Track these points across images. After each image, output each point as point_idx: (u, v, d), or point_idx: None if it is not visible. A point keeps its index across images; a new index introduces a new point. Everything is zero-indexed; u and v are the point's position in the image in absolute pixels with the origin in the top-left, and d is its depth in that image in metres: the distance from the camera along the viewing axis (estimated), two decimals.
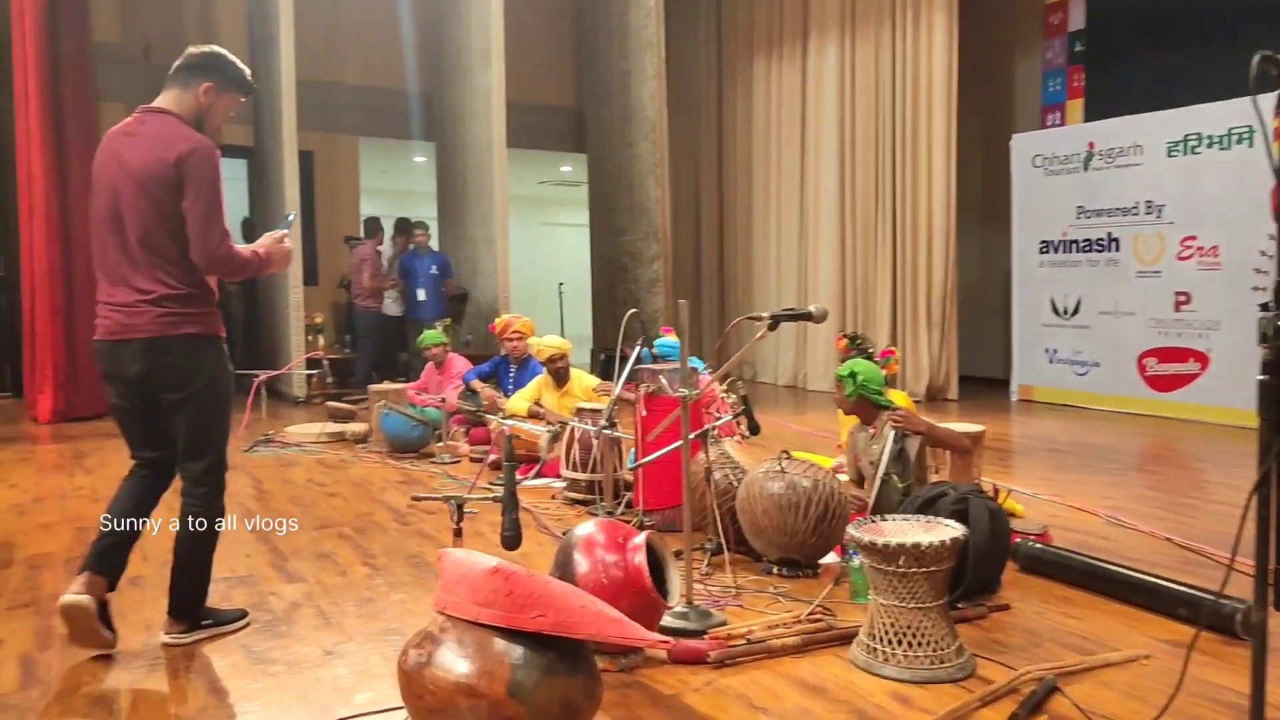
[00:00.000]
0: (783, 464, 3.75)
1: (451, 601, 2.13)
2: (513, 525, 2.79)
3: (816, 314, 3.01)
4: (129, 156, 2.96)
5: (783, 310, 3.06)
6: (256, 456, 6.90)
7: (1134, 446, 6.99)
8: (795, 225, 11.43)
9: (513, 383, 6.97)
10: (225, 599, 3.67)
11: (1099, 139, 8.60)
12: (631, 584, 2.77)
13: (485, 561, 2.14)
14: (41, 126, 8.43)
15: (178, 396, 3.01)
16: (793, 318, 3.05)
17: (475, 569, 2.11)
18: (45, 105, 8.48)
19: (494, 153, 10.42)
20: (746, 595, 3.57)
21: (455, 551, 2.25)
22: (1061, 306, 8.99)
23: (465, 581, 2.11)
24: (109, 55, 10.16)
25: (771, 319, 3.04)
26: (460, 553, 2.24)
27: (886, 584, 2.74)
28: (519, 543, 2.86)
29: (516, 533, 2.80)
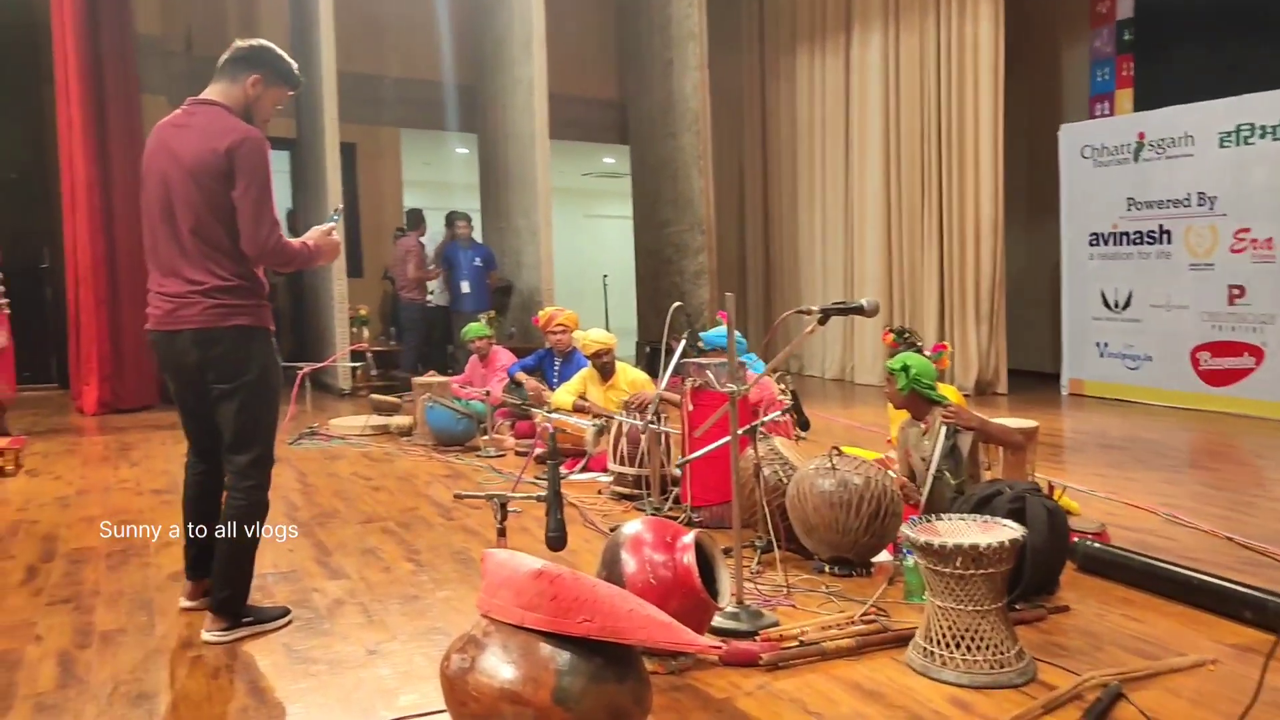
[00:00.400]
0: (833, 461, 3.67)
1: (495, 604, 2.09)
2: (557, 526, 2.74)
3: (868, 308, 2.93)
4: (180, 148, 2.98)
5: (833, 304, 2.99)
6: (301, 449, 6.89)
7: (1189, 442, 6.81)
8: (840, 217, 11.29)
9: (557, 376, 6.94)
10: (268, 595, 3.66)
11: (1149, 129, 8.39)
12: (681, 584, 2.72)
13: (529, 563, 2.09)
14: (83, 119, 8.41)
15: (227, 387, 3.03)
16: (843, 311, 2.97)
17: (519, 571, 2.07)
18: (87, 97, 8.46)
19: (536, 143, 10.36)
20: (798, 595, 3.50)
21: (499, 552, 2.21)
22: (1112, 299, 8.79)
23: (509, 584, 2.07)
24: (150, 47, 10.17)
25: (822, 313, 2.96)
26: (504, 554, 2.20)
27: (943, 586, 2.66)
28: (564, 543, 2.81)
29: (561, 533, 2.75)
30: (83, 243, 8.53)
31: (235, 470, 3.10)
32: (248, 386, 3.03)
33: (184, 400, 3.18)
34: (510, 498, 2.94)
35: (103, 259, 8.62)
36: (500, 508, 2.91)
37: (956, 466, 3.71)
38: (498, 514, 2.91)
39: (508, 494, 3.00)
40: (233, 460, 3.10)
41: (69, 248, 8.65)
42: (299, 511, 5.06)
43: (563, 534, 2.80)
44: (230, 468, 3.12)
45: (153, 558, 4.17)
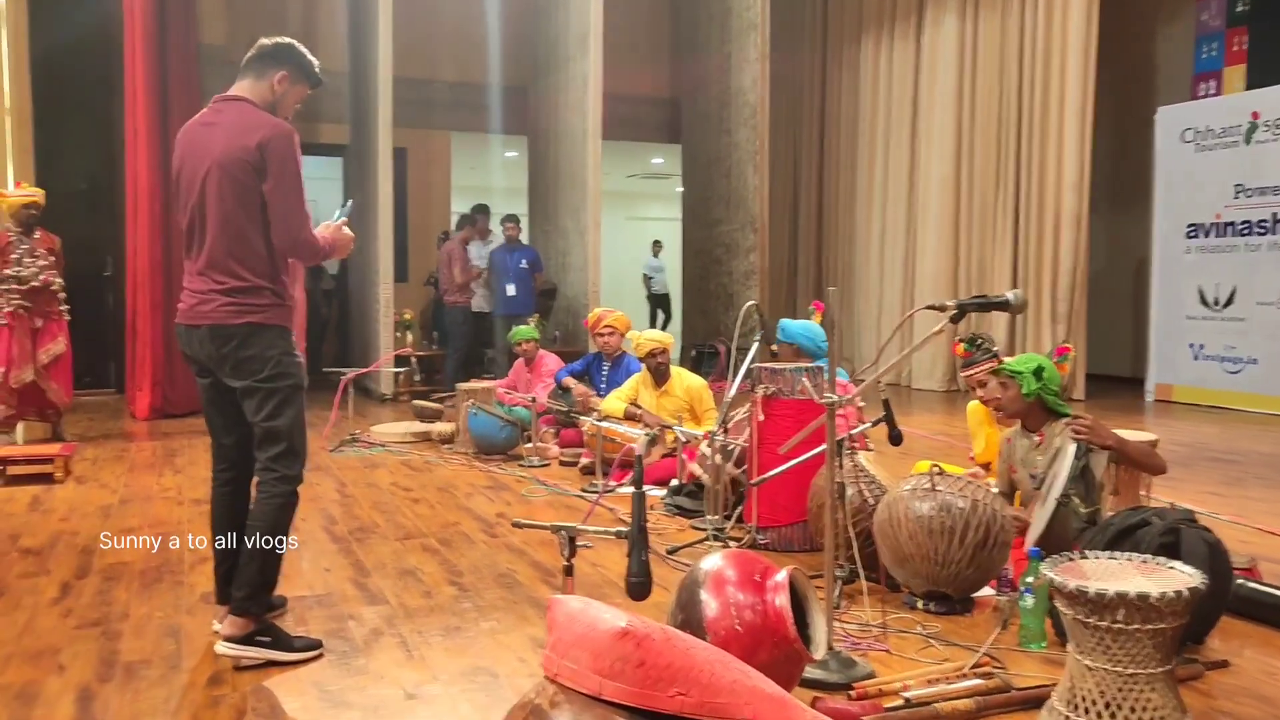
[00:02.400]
0: (934, 480, 3.19)
1: (566, 668, 1.66)
2: (641, 569, 2.28)
3: (1015, 302, 2.46)
4: (211, 145, 2.96)
5: (972, 298, 2.52)
6: (342, 457, 6.62)
7: None
8: (902, 214, 10.77)
9: (605, 381, 6.52)
10: (301, 622, 3.29)
11: (1265, 108, 7.72)
12: (772, 632, 2.27)
13: (611, 619, 1.65)
14: (148, 127, 8.48)
15: (245, 384, 2.98)
16: (985, 306, 2.50)
17: (598, 628, 1.63)
18: (152, 108, 8.54)
19: (589, 142, 10.06)
20: (890, 636, 3.03)
21: (571, 600, 1.77)
22: (1212, 297, 8.15)
23: (585, 644, 1.63)
24: (214, 56, 10.22)
25: (958, 308, 2.49)
26: (577, 603, 1.76)
27: (1095, 642, 2.17)
28: (648, 591, 2.34)
29: (646, 579, 2.29)
30: (142, 249, 8.57)
31: (263, 465, 3.02)
32: (265, 382, 2.98)
33: (207, 394, 3.14)
34: (581, 530, 2.48)
35: (159, 264, 8.64)
36: (568, 542, 2.45)
37: (1088, 492, 3.19)
38: (564, 549, 2.45)
39: (577, 526, 2.52)
40: (260, 457, 3.03)
41: (130, 255, 8.68)
42: (336, 525, 4.74)
43: (648, 579, 2.33)
44: (259, 464, 3.04)
45: (186, 575, 3.90)
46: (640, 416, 5.68)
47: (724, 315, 11.53)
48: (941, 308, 2.53)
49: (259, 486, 3.03)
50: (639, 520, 2.28)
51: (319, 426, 7.76)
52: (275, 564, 3.03)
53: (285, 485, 3.01)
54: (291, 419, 3.02)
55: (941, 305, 2.52)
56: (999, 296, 2.48)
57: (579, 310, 10.30)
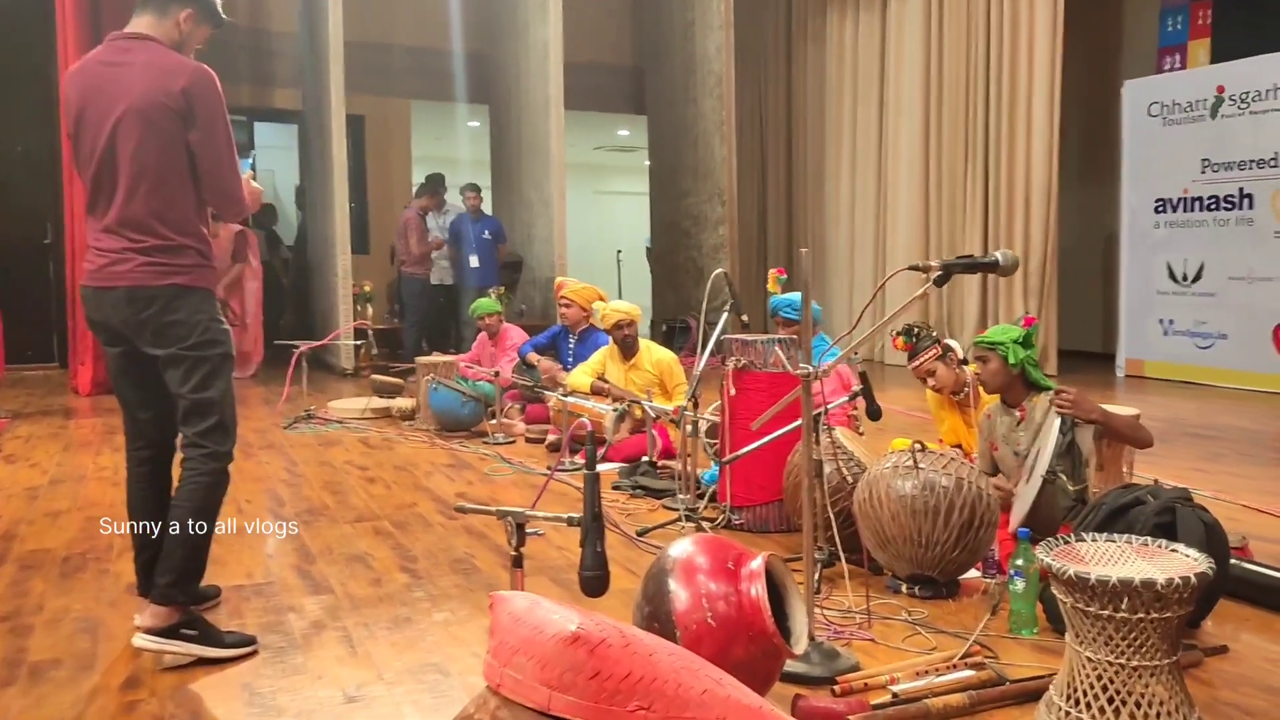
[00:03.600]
0: (916, 457, 3.00)
1: (509, 677, 1.44)
2: (595, 562, 2.03)
3: (1005, 262, 2.26)
4: (123, 87, 2.67)
5: (958, 258, 2.31)
6: (296, 434, 6.35)
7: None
8: (872, 185, 10.58)
9: (572, 355, 6.30)
10: (236, 615, 3.06)
11: (1230, 82, 7.61)
12: (747, 625, 2.07)
13: (560, 621, 1.44)
14: None
15: (167, 352, 2.73)
16: (972, 267, 2.30)
17: (545, 632, 1.42)
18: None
19: (551, 111, 9.77)
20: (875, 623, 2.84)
21: (515, 599, 1.55)
22: (1181, 272, 8.05)
23: (531, 650, 1.42)
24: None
25: (942, 269, 2.29)
26: (523, 601, 1.55)
27: (1096, 632, 2.00)
28: (605, 586, 2.10)
29: (602, 572, 2.05)
30: (79, 217, 8.20)
31: (189, 441, 2.78)
32: (194, 349, 2.73)
33: (118, 365, 2.85)
34: (530, 516, 2.22)
35: None
36: (516, 529, 2.19)
37: (1074, 468, 3.02)
38: (512, 537, 2.20)
39: (525, 511, 2.25)
40: (186, 432, 2.78)
41: (69, 222, 8.36)
42: (284, 507, 4.50)
43: (604, 573, 2.09)
44: (184, 441, 2.80)
45: (113, 563, 3.61)
46: (608, 391, 5.47)
47: (694, 289, 11.33)
48: (925, 269, 2.32)
49: (185, 465, 2.79)
50: (592, 505, 2.03)
51: (273, 402, 7.49)
52: (203, 549, 2.78)
53: (215, 463, 2.77)
54: (221, 390, 2.79)
55: (925, 266, 2.32)
56: (987, 256, 2.28)
57: (545, 284, 10.06)
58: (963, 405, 4.06)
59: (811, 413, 2.46)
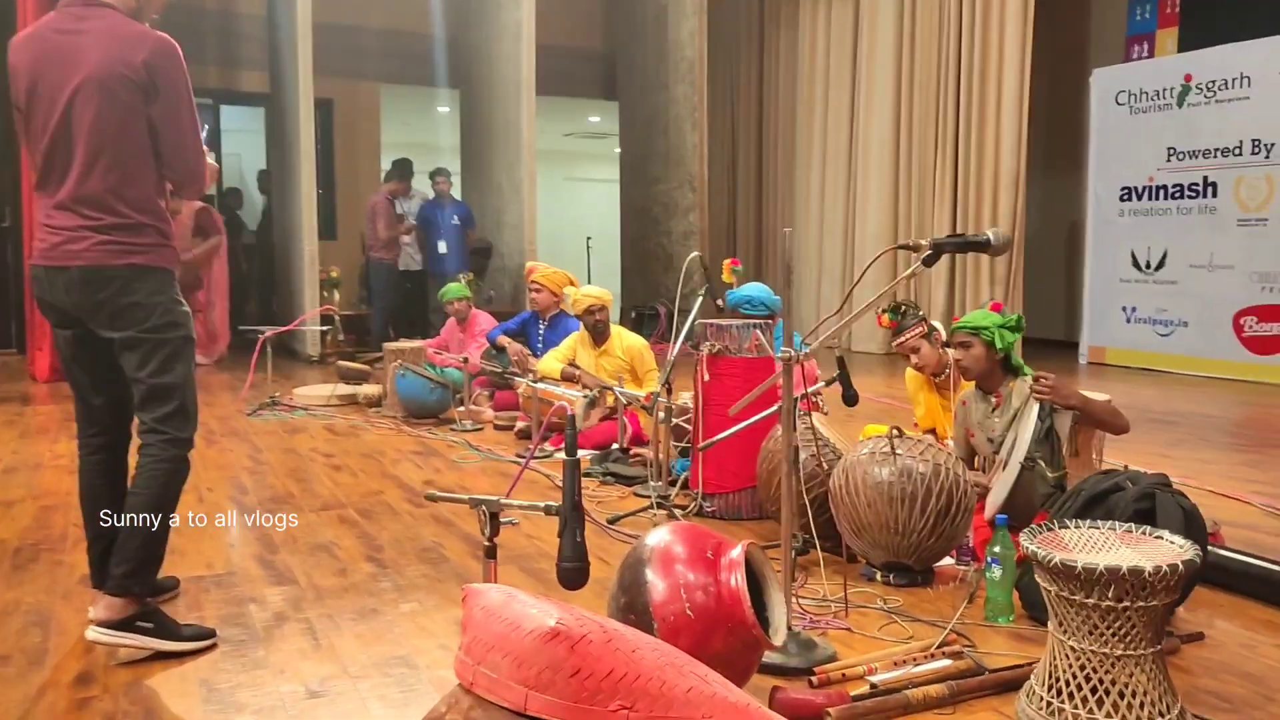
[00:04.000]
0: (894, 443, 2.97)
1: (484, 675, 1.38)
2: (575, 552, 1.95)
3: (996, 242, 2.21)
4: (80, 56, 2.54)
5: (949, 237, 2.28)
6: (260, 421, 6.24)
7: (1250, 417, 6.15)
8: (843, 173, 10.56)
9: (542, 341, 6.22)
10: (195, 607, 2.96)
11: (1198, 71, 7.65)
12: (727, 616, 2.02)
13: (538, 616, 1.37)
14: None
15: (125, 335, 2.61)
16: (963, 246, 2.25)
17: (522, 628, 1.36)
18: None
19: (523, 95, 9.65)
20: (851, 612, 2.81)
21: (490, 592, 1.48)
22: (1144, 260, 8.10)
23: (507, 646, 1.36)
24: None
25: (933, 248, 2.24)
26: (498, 594, 1.48)
27: (1081, 620, 1.97)
28: (585, 578, 2.02)
29: (582, 564, 1.97)
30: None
31: (148, 427, 2.67)
32: (154, 332, 2.62)
33: (70, 349, 2.73)
34: (505, 505, 2.16)
35: None
36: (489, 519, 2.12)
37: (1053, 455, 3.00)
38: (485, 526, 2.13)
39: (500, 499, 2.14)
40: (145, 418, 2.67)
41: (26, 204, 8.16)
42: (247, 495, 4.40)
43: (584, 565, 2.02)
44: (143, 426, 2.69)
45: (67, 553, 3.50)
46: (579, 377, 5.40)
47: (663, 276, 11.27)
48: (915, 247, 2.28)
49: (143, 451, 2.68)
50: (572, 493, 1.96)
51: (237, 389, 7.35)
52: (161, 539, 2.68)
53: (175, 449, 2.67)
54: (182, 375, 2.68)
55: (915, 244, 2.27)
56: (979, 235, 2.24)
57: (515, 270, 9.96)
58: (942, 387, 4.04)
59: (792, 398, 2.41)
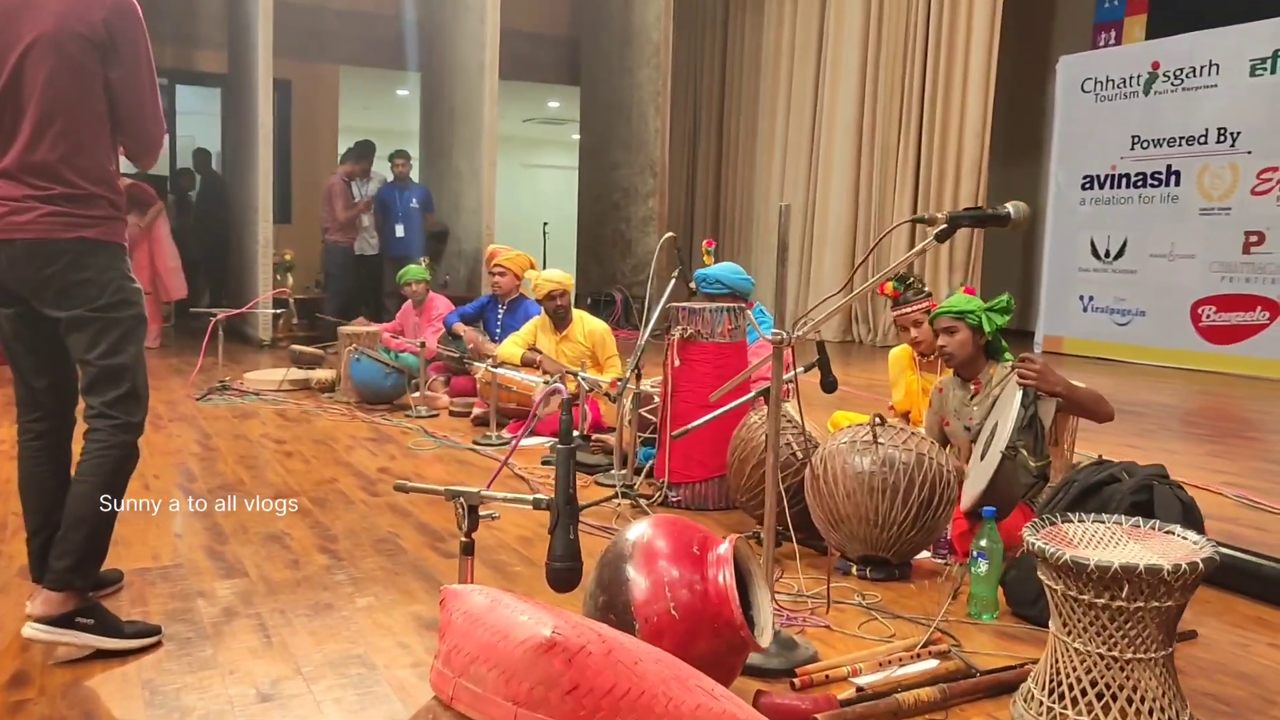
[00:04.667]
0: (876, 431, 2.86)
1: (466, 690, 1.23)
2: (568, 551, 1.78)
3: (1016, 215, 2.09)
4: (32, 15, 2.38)
5: (965, 210, 2.14)
6: (210, 406, 6.02)
7: (1211, 408, 6.16)
8: (804, 158, 10.47)
9: (500, 326, 6.05)
10: (139, 601, 2.78)
11: (1166, 58, 7.64)
12: (713, 616, 1.89)
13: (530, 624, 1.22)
14: None
15: (73, 313, 2.44)
16: (980, 220, 2.13)
17: (512, 638, 1.21)
18: None
19: (485, 77, 9.45)
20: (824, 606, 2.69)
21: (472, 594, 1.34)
22: (1103, 249, 8.10)
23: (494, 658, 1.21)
24: None
25: (948, 222, 2.11)
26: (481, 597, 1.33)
27: (1087, 621, 1.86)
28: (578, 579, 1.86)
29: (575, 563, 1.80)
30: None
31: (97, 411, 2.51)
32: (105, 311, 2.46)
33: (12, 327, 2.54)
34: (486, 498, 1.95)
35: None
36: (467, 512, 1.90)
37: (1036, 443, 2.90)
38: (462, 520, 1.92)
39: (481, 491, 1.95)
40: (93, 402, 2.51)
41: None
42: (195, 483, 4.21)
43: (577, 564, 1.86)
44: (90, 411, 2.53)
45: (5, 544, 3.29)
46: (539, 362, 5.24)
47: (620, 262, 11.13)
48: (930, 221, 2.15)
49: (90, 436, 2.51)
50: (566, 486, 1.79)
51: (185, 372, 7.10)
52: (107, 530, 2.50)
53: (125, 435, 2.50)
54: (134, 356, 2.52)
55: (930, 218, 2.15)
56: (998, 209, 2.12)
57: (471, 255, 9.76)
58: (930, 368, 3.95)
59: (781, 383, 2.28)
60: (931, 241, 2.15)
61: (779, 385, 2.29)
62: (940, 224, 2.11)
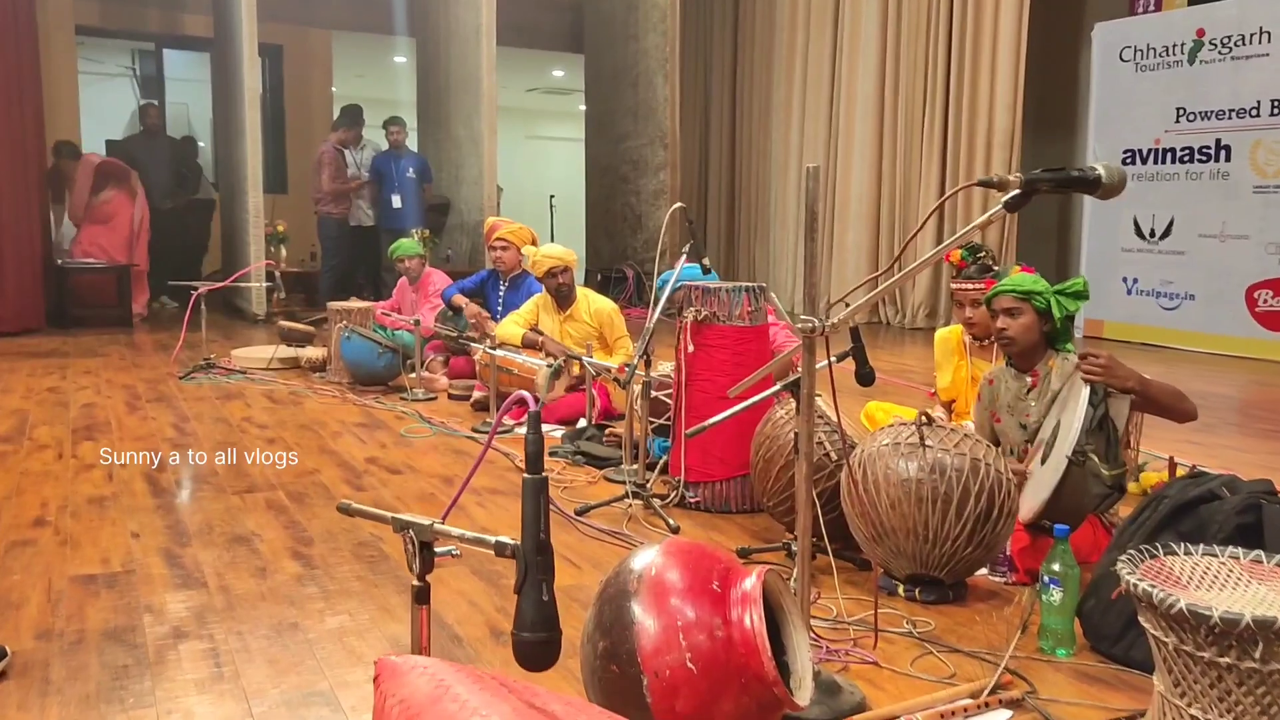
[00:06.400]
0: (923, 432, 2.48)
1: None
2: (540, 617, 1.22)
3: (1109, 178, 1.71)
4: None
5: (1045, 170, 1.75)
6: (192, 385, 5.69)
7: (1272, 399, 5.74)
8: (823, 129, 10.01)
9: (502, 303, 5.68)
10: (76, 617, 2.43)
11: (1211, 25, 7.17)
12: (739, 668, 1.52)
13: None
14: None
15: None
16: (1064, 183, 1.74)
17: None
18: None
19: (483, 41, 9.02)
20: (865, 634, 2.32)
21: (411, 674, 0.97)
22: (1148, 228, 7.66)
23: None
24: None
25: (1024, 185, 1.73)
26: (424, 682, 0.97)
27: (1207, 684, 1.49)
28: (555, 655, 1.30)
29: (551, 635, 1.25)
30: None
31: None
32: None
33: None
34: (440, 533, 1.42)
35: None
36: (418, 550, 1.42)
37: (1109, 448, 2.50)
38: (413, 560, 1.43)
39: (435, 524, 1.43)
40: None
41: None
42: (163, 473, 3.85)
43: (553, 635, 1.27)
44: None
45: None
46: (542, 344, 4.86)
47: (631, 238, 10.74)
48: (1000, 184, 1.76)
49: None
50: (536, 530, 1.28)
51: (169, 348, 6.76)
52: None
53: None
54: None
55: (1001, 180, 1.76)
56: (1086, 170, 1.73)
57: (472, 228, 9.38)
58: (983, 353, 3.56)
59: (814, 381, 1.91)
60: (1000, 210, 1.76)
61: (812, 384, 1.91)
62: (1013, 188, 1.71)
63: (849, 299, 2.11)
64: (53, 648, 2.25)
